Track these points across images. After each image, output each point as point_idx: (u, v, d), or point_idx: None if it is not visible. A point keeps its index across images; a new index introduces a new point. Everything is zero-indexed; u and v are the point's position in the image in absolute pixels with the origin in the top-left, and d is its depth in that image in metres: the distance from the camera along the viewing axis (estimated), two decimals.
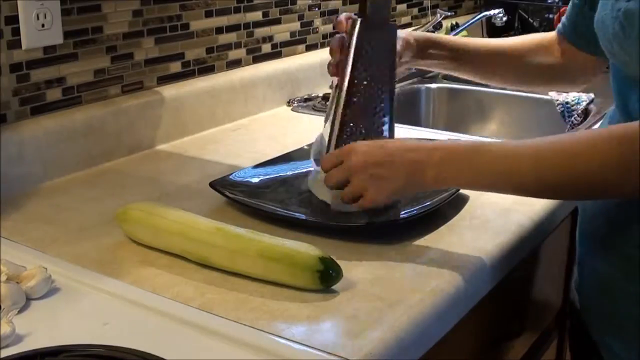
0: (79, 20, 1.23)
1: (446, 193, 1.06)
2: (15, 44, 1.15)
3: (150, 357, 0.68)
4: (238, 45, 1.55)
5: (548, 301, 1.31)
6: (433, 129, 1.54)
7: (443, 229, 1.01)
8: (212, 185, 1.09)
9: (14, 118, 1.16)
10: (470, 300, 0.91)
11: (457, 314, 0.88)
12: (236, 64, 1.55)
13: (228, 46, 1.53)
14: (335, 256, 0.87)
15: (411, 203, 1.05)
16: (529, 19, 2.33)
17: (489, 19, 2.09)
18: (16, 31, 1.15)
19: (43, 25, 1.17)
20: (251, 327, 0.77)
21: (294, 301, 0.83)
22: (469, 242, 0.97)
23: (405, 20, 2.11)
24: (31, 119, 1.18)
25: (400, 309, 0.81)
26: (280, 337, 0.75)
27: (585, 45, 1.12)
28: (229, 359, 0.72)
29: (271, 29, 1.63)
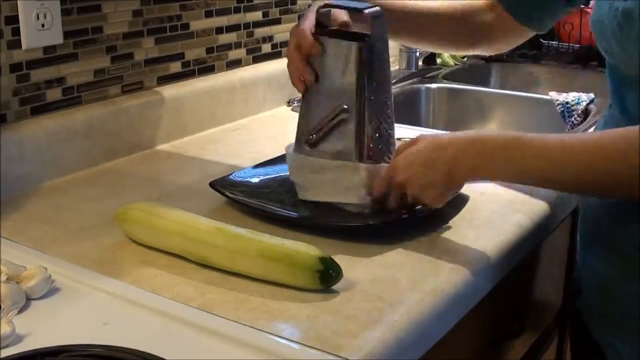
0: (79, 20, 1.23)
1: None
2: (15, 44, 1.15)
3: (150, 357, 0.68)
4: (238, 45, 1.55)
5: (548, 301, 1.31)
6: (433, 129, 1.54)
7: (443, 229, 1.01)
8: (212, 185, 1.09)
9: (14, 118, 1.16)
10: (470, 300, 0.91)
11: (457, 314, 0.88)
12: (236, 64, 1.55)
13: (228, 46, 1.52)
14: (335, 256, 0.87)
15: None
16: None
17: None
18: (16, 31, 1.15)
19: (43, 25, 1.17)
20: (251, 327, 0.77)
21: (294, 301, 0.83)
22: (469, 242, 0.97)
23: None
24: (31, 119, 1.18)
25: (400, 309, 0.81)
26: (280, 337, 0.75)
27: (523, 16, 1.12)
28: (229, 359, 0.72)
29: (271, 29, 1.63)
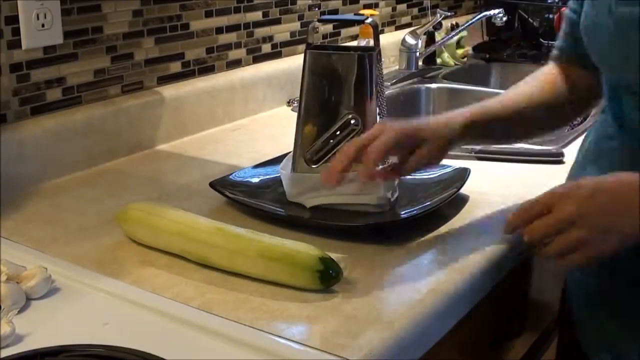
0: (79, 20, 1.23)
1: (446, 193, 1.06)
2: (15, 44, 1.15)
3: (150, 357, 0.68)
4: (238, 45, 1.55)
5: (548, 301, 1.31)
6: None
7: (443, 229, 1.01)
8: (212, 185, 1.09)
9: (14, 118, 1.16)
10: (470, 300, 0.91)
11: (457, 314, 0.88)
12: (236, 64, 1.55)
13: (228, 46, 1.52)
14: (335, 256, 0.87)
15: (411, 203, 1.05)
16: (529, 19, 2.33)
17: (489, 19, 2.09)
18: (16, 31, 1.15)
19: (43, 25, 1.17)
20: (251, 327, 0.77)
21: (294, 301, 0.83)
22: (469, 242, 0.97)
23: (405, 20, 2.11)
24: (31, 119, 1.18)
25: (400, 309, 0.81)
26: (280, 337, 0.75)
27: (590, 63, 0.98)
28: (229, 359, 0.72)
29: (271, 29, 1.63)
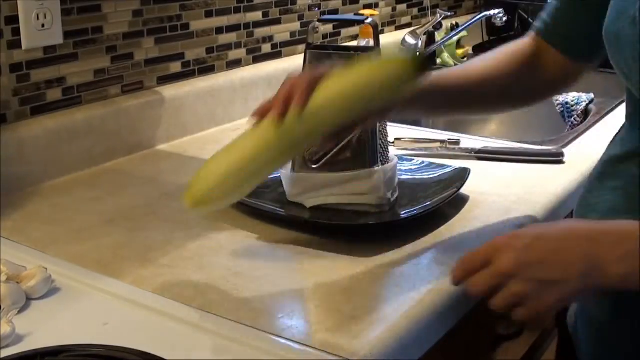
0: (79, 20, 1.23)
1: (446, 193, 1.06)
2: (15, 44, 1.15)
3: (150, 357, 0.68)
4: (238, 45, 1.55)
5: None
6: (433, 129, 1.53)
7: (443, 229, 1.01)
8: None
9: (14, 118, 1.16)
10: (470, 300, 0.91)
11: (457, 314, 0.88)
12: (236, 64, 1.55)
13: (228, 46, 1.53)
14: (335, 256, 0.87)
15: (411, 203, 1.05)
16: (529, 19, 2.33)
17: (489, 19, 2.09)
18: (16, 31, 1.15)
19: (43, 25, 1.17)
20: (251, 327, 0.77)
21: (294, 301, 0.83)
22: (469, 242, 0.97)
23: (405, 20, 2.11)
24: (31, 119, 1.18)
25: (400, 309, 0.81)
26: (280, 337, 0.75)
27: (573, 51, 0.99)
28: (229, 359, 0.72)
29: (271, 29, 1.63)
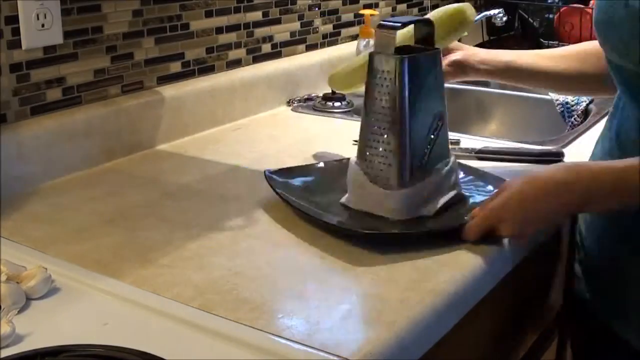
0: (79, 20, 1.23)
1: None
2: (15, 44, 1.15)
3: (150, 357, 0.68)
4: (238, 45, 1.55)
5: (548, 301, 1.31)
6: None
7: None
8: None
9: (14, 118, 1.16)
10: (470, 300, 0.91)
11: (457, 314, 0.88)
12: (236, 64, 1.55)
13: (228, 46, 1.53)
14: (335, 256, 0.87)
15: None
16: (529, 19, 2.33)
17: (489, 19, 2.09)
18: (16, 31, 1.15)
19: (43, 25, 1.17)
20: (251, 327, 0.77)
21: (294, 301, 0.83)
22: (469, 242, 0.97)
23: None
24: (31, 119, 1.18)
25: (400, 309, 0.81)
26: (280, 337, 0.75)
27: None
28: (229, 359, 0.72)
29: (271, 29, 1.63)
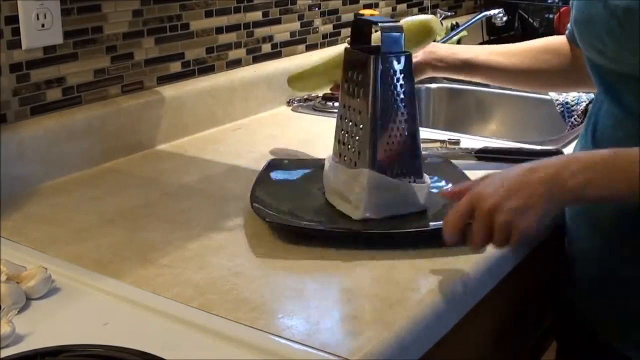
0: (79, 20, 1.23)
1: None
2: (15, 44, 1.15)
3: (150, 357, 0.68)
4: (238, 45, 1.55)
5: (548, 301, 1.31)
6: (433, 128, 1.53)
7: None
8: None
9: (14, 118, 1.16)
10: (470, 300, 0.91)
11: (457, 314, 0.88)
12: (236, 64, 1.55)
13: (228, 46, 1.53)
14: (335, 256, 0.87)
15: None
16: (529, 19, 2.33)
17: (489, 19, 2.09)
18: (16, 31, 1.15)
19: (43, 25, 1.17)
20: (251, 327, 0.77)
21: (294, 301, 0.83)
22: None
23: None
24: (31, 119, 1.18)
25: (400, 309, 0.81)
26: (280, 337, 0.75)
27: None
28: (229, 359, 0.72)
29: (271, 29, 1.63)
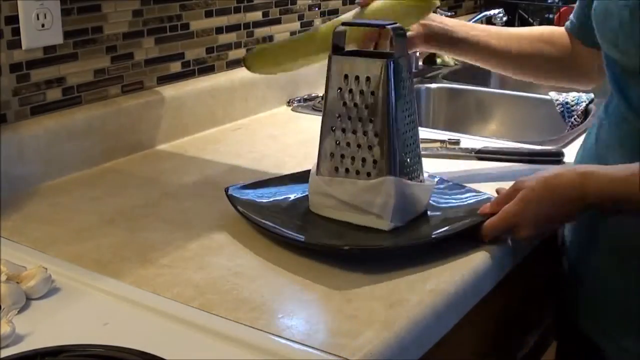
0: (79, 20, 1.23)
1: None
2: (15, 44, 1.15)
3: (150, 357, 0.68)
4: (238, 45, 1.55)
5: (548, 301, 1.31)
6: (433, 129, 1.53)
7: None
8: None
9: (14, 118, 1.16)
10: (470, 300, 0.91)
11: (457, 314, 0.88)
12: (236, 64, 1.55)
13: (228, 46, 1.53)
14: (335, 256, 0.87)
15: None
16: (529, 19, 2.34)
17: (489, 19, 2.10)
18: (16, 31, 1.15)
19: (43, 25, 1.17)
20: (251, 327, 0.77)
21: (294, 301, 0.83)
22: (469, 242, 0.97)
23: None
24: (31, 119, 1.18)
25: (400, 309, 0.81)
26: (280, 337, 0.75)
27: (592, 42, 1.12)
28: (229, 359, 0.72)
29: (271, 29, 1.63)
